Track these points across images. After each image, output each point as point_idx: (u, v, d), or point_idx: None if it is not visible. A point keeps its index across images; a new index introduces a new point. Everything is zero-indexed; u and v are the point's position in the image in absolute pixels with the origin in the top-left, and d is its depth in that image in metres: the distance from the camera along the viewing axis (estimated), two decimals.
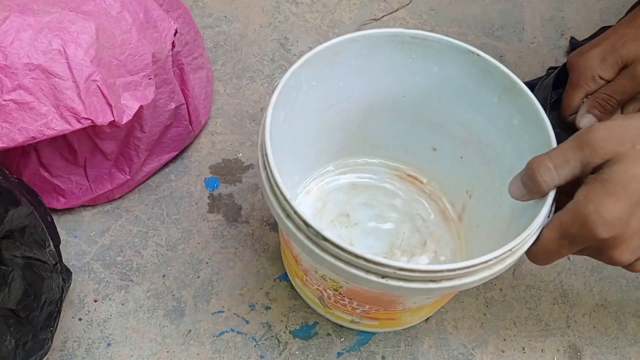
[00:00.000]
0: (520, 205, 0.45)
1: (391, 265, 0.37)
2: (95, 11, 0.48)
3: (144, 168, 0.57)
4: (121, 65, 0.49)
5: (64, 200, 0.56)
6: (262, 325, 0.53)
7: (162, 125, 0.56)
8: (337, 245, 0.38)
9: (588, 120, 0.54)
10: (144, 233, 0.57)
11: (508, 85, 0.46)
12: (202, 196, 0.60)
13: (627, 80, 0.52)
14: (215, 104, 0.66)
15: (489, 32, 0.75)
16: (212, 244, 0.57)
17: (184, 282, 0.55)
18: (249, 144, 0.63)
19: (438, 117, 0.53)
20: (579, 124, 0.55)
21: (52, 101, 0.46)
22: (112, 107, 0.47)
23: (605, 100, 0.53)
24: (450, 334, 0.54)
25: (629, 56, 0.53)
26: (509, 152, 0.48)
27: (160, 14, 0.52)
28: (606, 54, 0.54)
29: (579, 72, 0.55)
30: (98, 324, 0.52)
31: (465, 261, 0.37)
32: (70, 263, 0.55)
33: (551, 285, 0.57)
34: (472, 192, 0.54)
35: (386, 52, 0.49)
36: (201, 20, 0.73)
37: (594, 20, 0.77)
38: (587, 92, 0.55)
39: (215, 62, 0.69)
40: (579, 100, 0.55)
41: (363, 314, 0.48)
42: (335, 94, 0.51)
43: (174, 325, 0.52)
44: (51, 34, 0.46)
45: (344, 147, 0.57)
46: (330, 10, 0.76)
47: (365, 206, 0.57)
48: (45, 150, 0.53)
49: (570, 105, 0.55)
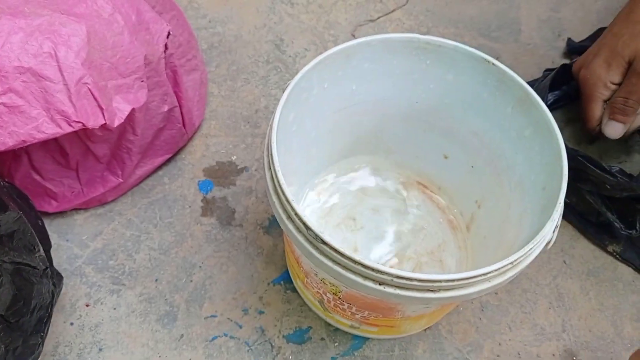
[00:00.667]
0: (527, 219, 0.44)
1: (389, 272, 0.37)
2: (86, 13, 0.48)
3: (136, 171, 0.57)
4: (113, 67, 0.48)
5: (56, 203, 0.55)
6: (255, 329, 0.52)
7: (154, 128, 0.55)
8: (336, 250, 0.37)
9: (613, 127, 0.55)
10: (136, 237, 0.57)
11: (522, 96, 0.45)
12: (196, 199, 0.59)
13: (635, 78, 0.53)
14: (210, 106, 0.66)
15: (485, 33, 0.75)
16: (206, 248, 0.56)
17: (177, 286, 0.54)
18: (243, 146, 0.63)
19: (450, 124, 0.52)
20: (605, 132, 0.56)
21: (43, 104, 0.45)
22: (103, 110, 0.47)
23: (623, 103, 0.54)
24: (444, 338, 0.53)
25: (630, 55, 0.53)
26: (519, 164, 0.47)
27: (152, 16, 0.52)
28: (609, 60, 0.55)
29: (591, 85, 0.56)
30: (90, 329, 0.52)
31: (465, 272, 0.37)
32: (62, 267, 0.54)
33: (547, 289, 0.56)
34: (482, 203, 0.53)
35: (400, 57, 0.49)
36: (195, 21, 0.72)
37: (591, 21, 0.77)
38: (604, 99, 0.56)
39: (209, 64, 0.69)
40: (600, 110, 0.56)
41: (362, 320, 0.48)
42: (348, 97, 0.51)
43: (166, 329, 0.52)
44: (42, 37, 0.46)
45: (354, 151, 0.57)
46: (326, 11, 0.75)
47: (373, 211, 0.57)
48: (36, 154, 0.52)
49: (593, 117, 0.57)
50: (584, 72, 0.56)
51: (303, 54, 0.71)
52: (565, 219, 0.60)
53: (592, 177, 0.55)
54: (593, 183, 0.55)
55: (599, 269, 0.58)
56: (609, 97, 0.55)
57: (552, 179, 0.42)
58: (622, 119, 0.54)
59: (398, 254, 0.54)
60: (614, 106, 0.54)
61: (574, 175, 0.56)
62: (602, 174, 0.54)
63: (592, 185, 0.56)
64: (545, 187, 0.43)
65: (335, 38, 0.73)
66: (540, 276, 0.57)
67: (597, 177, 0.54)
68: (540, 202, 0.43)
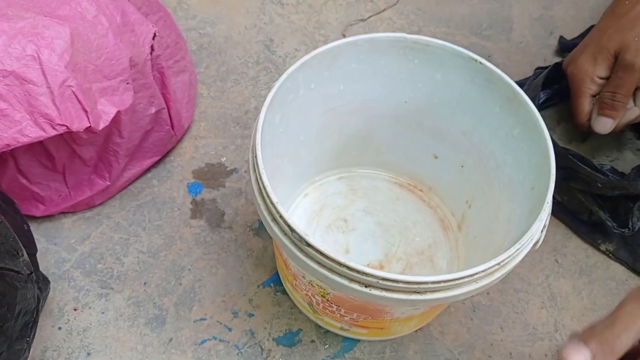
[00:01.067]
0: (515, 219, 0.44)
1: (374, 274, 0.36)
2: (70, 15, 0.47)
3: (124, 174, 0.56)
4: (97, 70, 0.48)
5: (43, 207, 0.55)
6: (245, 332, 0.52)
7: (142, 130, 0.55)
8: (321, 252, 0.37)
9: (602, 123, 0.55)
10: (125, 240, 0.56)
11: (510, 95, 0.45)
12: (185, 201, 0.59)
13: (621, 72, 0.53)
14: (199, 107, 0.65)
15: (477, 32, 0.74)
16: (195, 250, 0.56)
17: (166, 289, 0.54)
18: (233, 147, 0.62)
19: (440, 124, 0.52)
20: (594, 128, 0.56)
21: (26, 108, 0.45)
22: (88, 113, 0.46)
23: (611, 98, 0.54)
24: (436, 340, 0.53)
25: (616, 48, 0.53)
26: (508, 163, 0.47)
27: (138, 17, 0.52)
28: (596, 54, 0.54)
29: (578, 80, 0.55)
30: (78, 333, 0.51)
31: (451, 274, 0.36)
32: (50, 271, 0.54)
33: (539, 288, 0.56)
34: (472, 202, 0.53)
35: (388, 57, 0.48)
36: (185, 22, 0.72)
37: (583, 18, 0.76)
38: (592, 94, 0.55)
39: (199, 65, 0.68)
40: (588, 105, 0.56)
41: (352, 322, 0.47)
42: (336, 98, 0.51)
43: (155, 333, 0.52)
44: (25, 40, 0.45)
45: (344, 152, 0.56)
46: (316, 11, 0.75)
47: (364, 212, 0.56)
48: (22, 157, 0.52)
49: (582, 112, 0.56)
50: (571, 67, 0.56)
51: (293, 54, 0.70)
52: (557, 218, 0.60)
53: (583, 176, 0.54)
54: (584, 182, 0.55)
55: (591, 268, 0.57)
56: (597, 92, 0.55)
57: (540, 178, 0.42)
58: (611, 114, 0.54)
59: (388, 254, 0.54)
60: (602, 101, 0.54)
61: (565, 175, 0.55)
62: (593, 173, 0.53)
63: (584, 184, 0.55)
64: (533, 187, 0.43)
65: (326, 38, 0.72)
66: (533, 276, 0.57)
67: (589, 176, 0.54)
68: (528, 202, 0.43)
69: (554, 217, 0.60)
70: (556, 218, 0.60)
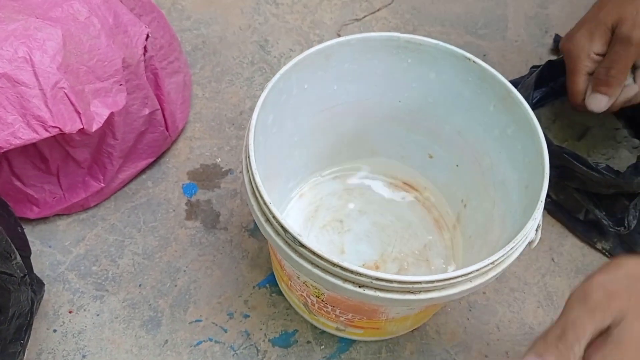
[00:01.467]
0: (510, 218, 0.44)
1: (368, 274, 0.36)
2: (62, 17, 0.47)
3: (119, 175, 0.56)
4: (90, 71, 0.48)
5: (38, 209, 0.55)
6: (241, 333, 0.52)
7: (136, 132, 0.55)
8: (314, 252, 0.37)
9: (597, 100, 0.52)
10: (120, 242, 0.56)
11: (504, 94, 0.45)
12: (180, 203, 0.59)
13: (618, 46, 0.51)
14: (194, 108, 0.65)
15: (472, 31, 0.74)
16: (190, 252, 0.56)
17: (161, 291, 0.54)
18: (228, 148, 0.62)
19: (434, 123, 0.52)
20: (588, 106, 0.53)
21: (19, 110, 0.45)
22: (80, 115, 0.46)
23: (606, 73, 0.51)
24: (432, 339, 0.53)
25: (613, 22, 0.51)
26: (503, 162, 0.47)
27: (130, 18, 0.51)
28: (593, 29, 0.52)
29: (574, 57, 0.53)
30: (73, 335, 0.51)
31: (445, 273, 0.36)
32: (45, 273, 0.54)
33: (535, 287, 0.56)
34: (467, 202, 0.53)
35: (381, 57, 0.48)
36: (179, 23, 0.72)
37: (579, 17, 0.75)
38: (588, 72, 0.53)
39: (193, 66, 0.68)
40: (584, 83, 0.53)
41: (347, 322, 0.47)
42: (329, 98, 0.50)
43: (150, 335, 0.51)
44: (17, 42, 0.45)
45: (338, 152, 0.56)
46: (311, 10, 0.75)
47: (359, 212, 0.56)
48: (16, 160, 0.52)
49: (577, 90, 0.54)
50: (567, 44, 0.54)
51: (288, 54, 0.70)
52: (553, 216, 0.60)
53: (578, 175, 0.54)
54: (580, 180, 0.55)
55: (587, 267, 0.57)
56: (594, 69, 0.52)
57: (534, 177, 0.42)
58: (606, 91, 0.52)
59: (384, 254, 0.54)
60: (597, 77, 0.52)
61: (560, 173, 0.55)
62: (589, 171, 0.53)
63: (579, 182, 0.55)
64: (528, 186, 0.43)
65: (321, 38, 0.72)
66: (529, 275, 0.56)
67: (584, 174, 0.54)
68: (523, 201, 0.43)
69: (550, 216, 0.60)
70: (552, 217, 0.60)
